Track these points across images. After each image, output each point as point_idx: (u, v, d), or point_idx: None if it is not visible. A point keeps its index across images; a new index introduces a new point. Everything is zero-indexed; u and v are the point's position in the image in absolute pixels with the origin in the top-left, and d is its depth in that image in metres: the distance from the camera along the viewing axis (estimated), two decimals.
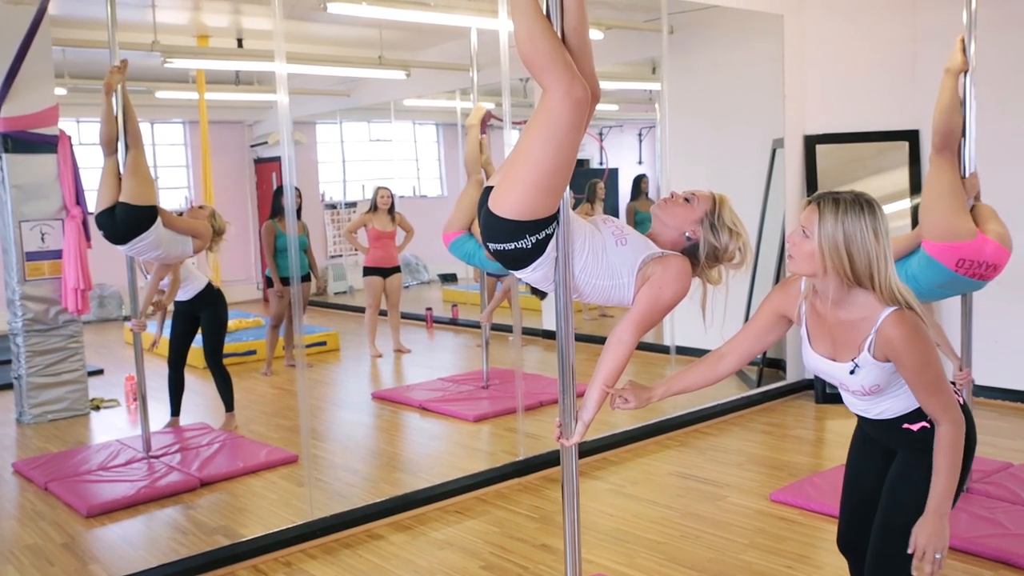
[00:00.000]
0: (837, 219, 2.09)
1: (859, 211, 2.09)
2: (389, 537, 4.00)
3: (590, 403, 2.32)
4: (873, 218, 2.10)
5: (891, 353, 2.10)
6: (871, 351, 2.13)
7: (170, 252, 5.07)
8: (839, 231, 2.08)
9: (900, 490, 2.28)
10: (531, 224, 2.14)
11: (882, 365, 2.14)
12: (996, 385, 5.72)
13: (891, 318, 2.08)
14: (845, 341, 2.18)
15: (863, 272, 2.09)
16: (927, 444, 2.19)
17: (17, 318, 6.11)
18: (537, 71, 2.06)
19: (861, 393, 2.22)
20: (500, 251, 2.22)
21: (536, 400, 5.90)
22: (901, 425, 2.25)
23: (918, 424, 2.23)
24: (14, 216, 6.03)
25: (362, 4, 5.71)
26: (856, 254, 2.08)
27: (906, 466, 2.29)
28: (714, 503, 4.25)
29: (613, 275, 2.30)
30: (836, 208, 2.10)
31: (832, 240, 2.08)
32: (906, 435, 2.26)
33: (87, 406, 6.37)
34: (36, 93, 6.01)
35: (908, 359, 2.08)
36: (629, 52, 7.92)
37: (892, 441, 2.33)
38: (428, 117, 12.73)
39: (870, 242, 2.08)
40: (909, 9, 6.01)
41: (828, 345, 2.23)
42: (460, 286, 11.42)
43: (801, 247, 2.15)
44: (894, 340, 2.08)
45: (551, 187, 2.10)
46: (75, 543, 4.05)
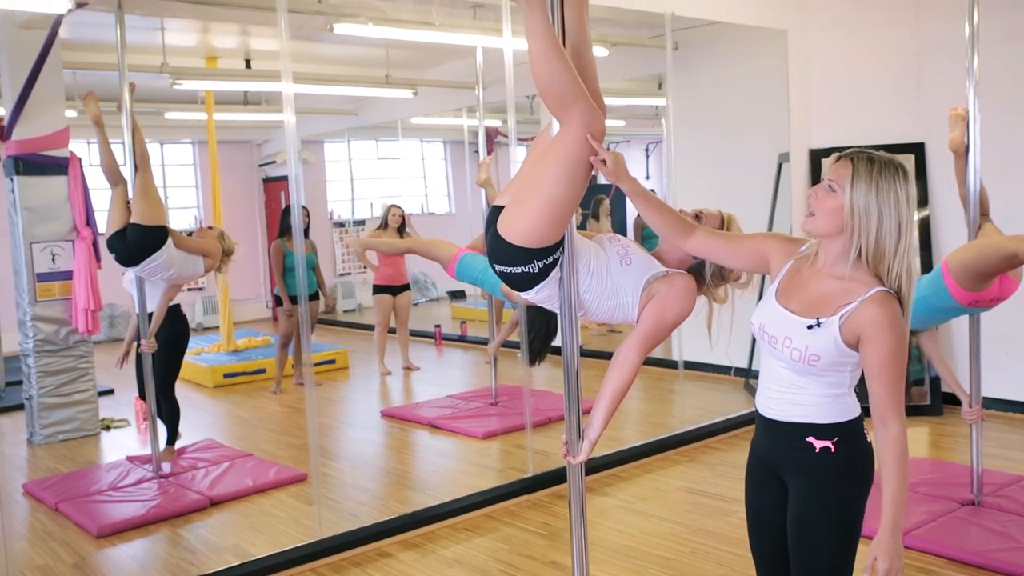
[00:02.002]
0: (872, 178, 1.96)
1: (894, 173, 1.97)
2: (398, 555, 4.00)
3: (596, 421, 2.32)
4: (907, 184, 1.98)
5: (867, 332, 1.96)
6: (842, 320, 1.98)
7: (182, 272, 5.10)
8: (872, 190, 1.96)
9: (809, 535, 2.12)
10: (538, 251, 2.16)
11: (840, 344, 1.99)
12: (1005, 397, 5.69)
13: (880, 295, 1.97)
14: (819, 302, 2.04)
15: (887, 240, 1.96)
16: (824, 469, 2.08)
17: (28, 339, 6.14)
18: (555, 104, 2.07)
19: (796, 360, 2.04)
20: (506, 274, 2.24)
21: (545, 417, 5.89)
22: (805, 437, 2.09)
23: (823, 442, 2.08)
24: (25, 237, 6.07)
25: (368, 24, 5.75)
26: (887, 218, 1.95)
27: (804, 503, 2.12)
28: (724, 519, 4.24)
29: (617, 295, 2.31)
30: (871, 166, 1.98)
31: (864, 199, 1.96)
32: (805, 453, 2.10)
33: (97, 426, 6.38)
34: (47, 115, 6.07)
35: (886, 341, 1.95)
36: (635, 68, 7.95)
37: (786, 461, 2.15)
38: (435, 135, 12.79)
39: (903, 207, 1.96)
40: (912, 22, 6.03)
41: (797, 302, 2.08)
42: (469, 303, 11.43)
43: (825, 202, 2.03)
44: (876, 317, 1.95)
45: (561, 218, 2.13)
46: (85, 563, 4.06)
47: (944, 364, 4.02)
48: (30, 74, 5.90)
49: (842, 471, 2.08)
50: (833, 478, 2.08)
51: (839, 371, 2.05)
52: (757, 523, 2.29)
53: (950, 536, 3.76)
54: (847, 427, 2.09)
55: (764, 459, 2.24)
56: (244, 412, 7.01)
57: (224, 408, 7.26)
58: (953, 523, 3.89)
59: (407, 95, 9.00)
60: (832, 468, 2.08)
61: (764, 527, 2.27)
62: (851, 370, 2.06)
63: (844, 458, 2.08)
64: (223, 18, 6.76)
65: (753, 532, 2.31)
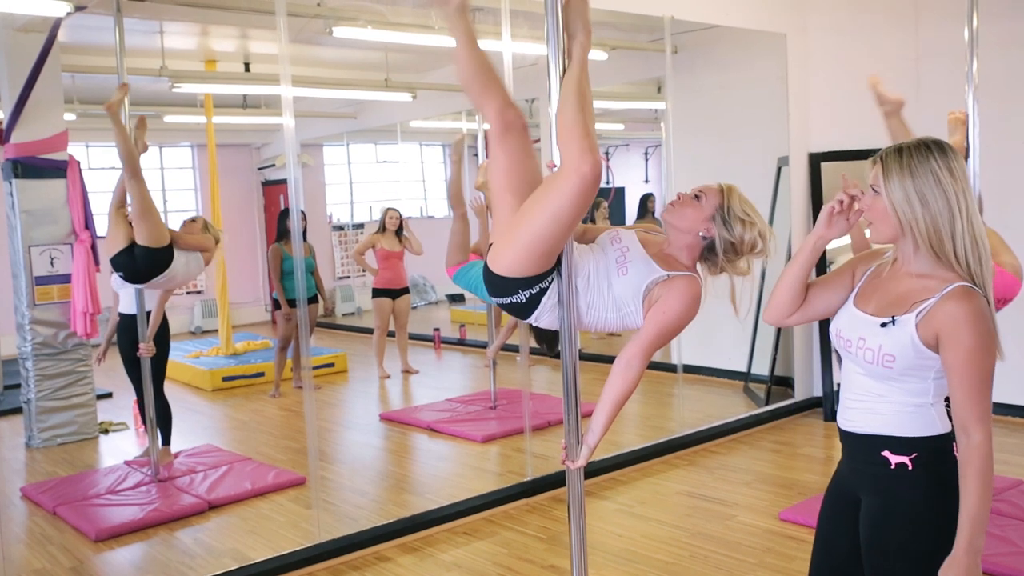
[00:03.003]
0: (903, 166, 1.87)
1: (926, 152, 1.87)
2: (397, 559, 3.99)
3: (596, 427, 2.29)
4: (945, 156, 1.86)
5: (946, 330, 1.82)
6: (919, 317, 1.85)
7: (186, 276, 5.10)
8: (907, 178, 1.86)
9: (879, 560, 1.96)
10: (523, 280, 2.17)
11: (917, 344, 1.86)
12: (1006, 402, 5.70)
13: (960, 290, 1.83)
14: (897, 301, 1.92)
15: (940, 222, 1.84)
16: (899, 488, 1.93)
17: (27, 342, 6.13)
18: (559, 142, 2.10)
19: (869, 361, 1.92)
20: (501, 304, 2.28)
21: (544, 420, 5.89)
22: (881, 451, 1.94)
23: (899, 458, 1.92)
24: (24, 241, 6.07)
25: (367, 28, 5.76)
26: (932, 199, 1.84)
27: (874, 525, 1.97)
28: (723, 522, 4.23)
29: (619, 307, 2.28)
30: (900, 156, 1.89)
31: (901, 188, 1.87)
32: (879, 469, 1.95)
33: (96, 430, 6.38)
34: (46, 119, 6.07)
35: (966, 339, 1.81)
36: (634, 72, 7.96)
37: (862, 478, 2.01)
38: (434, 138, 12.79)
39: (946, 180, 1.84)
40: (912, 27, 6.03)
41: (875, 304, 1.96)
42: (468, 306, 11.43)
43: (875, 207, 1.93)
44: (957, 314, 1.81)
45: (545, 253, 2.13)
46: (83, 567, 4.05)
47: None
48: (29, 77, 5.89)
49: (919, 492, 1.91)
50: (908, 499, 1.92)
51: (921, 377, 1.91)
52: (824, 546, 2.14)
53: None
54: (930, 443, 1.91)
55: (844, 479, 2.09)
56: (243, 415, 7.00)
57: (222, 411, 7.25)
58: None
59: (406, 99, 9.00)
60: (908, 488, 1.92)
61: (831, 552, 2.12)
62: (935, 377, 1.91)
63: (924, 478, 1.91)
64: (222, 21, 6.76)
65: (817, 554, 2.16)
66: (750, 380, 6.75)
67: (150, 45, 7.17)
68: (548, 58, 2.23)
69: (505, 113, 2.21)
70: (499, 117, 2.20)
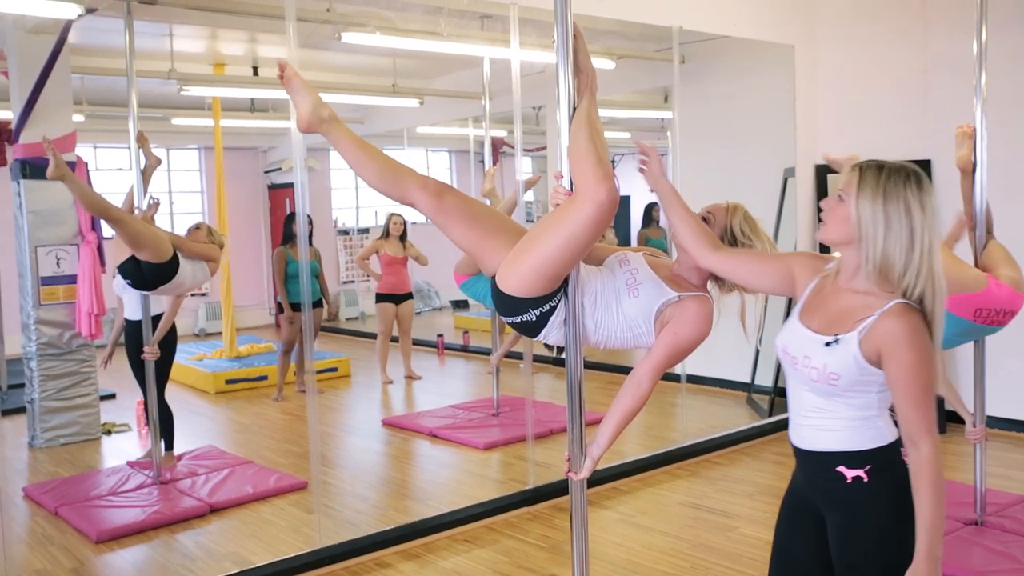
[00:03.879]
0: (879, 185, 1.89)
1: (904, 179, 1.89)
2: (398, 566, 3.99)
3: (602, 440, 2.31)
4: (920, 189, 1.89)
5: (886, 346, 1.86)
6: (861, 335, 1.89)
7: (193, 283, 5.12)
8: (879, 198, 1.88)
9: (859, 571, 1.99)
10: (532, 300, 2.20)
11: (860, 361, 1.90)
12: (1009, 416, 5.67)
13: (898, 307, 1.87)
14: (839, 318, 1.95)
15: (895, 248, 1.87)
16: (858, 501, 1.97)
17: (32, 342, 6.14)
18: (574, 169, 2.13)
19: (816, 379, 1.95)
20: (511, 323, 2.30)
21: (546, 428, 5.88)
22: (835, 467, 1.98)
23: (854, 472, 1.96)
24: (30, 241, 6.09)
25: (376, 34, 5.76)
26: (896, 226, 1.87)
27: (842, 540, 2.00)
28: (725, 534, 4.22)
29: (630, 327, 2.29)
30: (879, 174, 1.91)
31: (871, 206, 1.89)
32: (836, 484, 1.99)
33: (99, 430, 6.38)
34: (55, 120, 6.08)
35: (906, 355, 1.84)
36: (641, 81, 7.97)
37: (821, 494, 2.05)
38: (441, 144, 12.81)
39: (915, 212, 1.87)
40: (920, 39, 6.03)
41: (818, 320, 2.00)
42: (472, 313, 11.43)
43: (835, 211, 1.96)
44: (895, 331, 1.85)
45: (556, 275, 2.16)
46: (84, 568, 4.05)
47: (947, 382, 4.00)
48: (38, 78, 5.92)
49: (879, 503, 1.96)
50: (869, 511, 1.96)
51: (865, 392, 1.95)
52: (782, 556, 2.18)
53: (953, 556, 3.73)
54: (880, 454, 1.96)
55: (800, 491, 2.13)
56: (245, 419, 7.00)
57: (225, 414, 7.25)
58: (956, 543, 3.87)
59: (414, 104, 9.02)
60: (867, 500, 1.96)
61: (789, 562, 2.16)
62: (878, 391, 1.95)
63: (880, 488, 1.96)
64: (231, 25, 6.79)
65: (775, 565, 2.19)
66: (753, 391, 6.74)
67: (159, 48, 7.19)
68: (557, 66, 2.24)
69: (428, 185, 2.23)
70: (425, 191, 2.22)
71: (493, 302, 2.31)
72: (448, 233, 2.27)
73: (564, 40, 2.23)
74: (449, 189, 2.24)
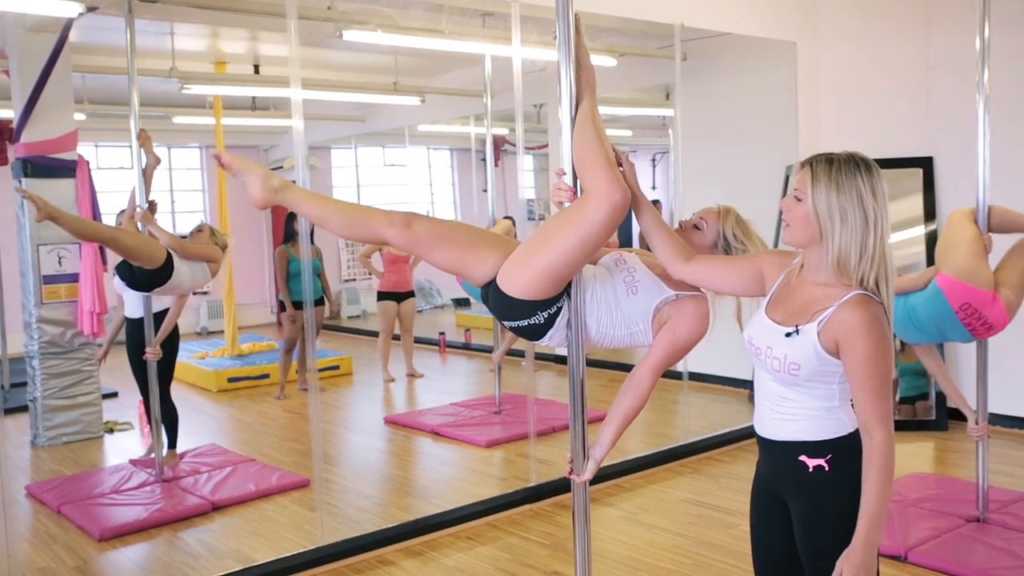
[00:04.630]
0: (831, 178, 1.93)
1: (854, 168, 1.93)
2: (400, 563, 3.99)
3: (604, 441, 2.30)
4: (870, 176, 1.93)
5: (844, 337, 1.90)
6: (820, 326, 1.93)
7: (192, 285, 5.13)
8: (832, 191, 1.92)
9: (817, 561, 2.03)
10: (541, 302, 2.19)
11: (820, 351, 1.94)
12: (1011, 414, 5.67)
13: (857, 298, 1.91)
14: (800, 309, 1.99)
15: (852, 238, 1.91)
16: (819, 489, 2.02)
17: (34, 341, 6.15)
18: (583, 170, 2.13)
19: (777, 369, 2.00)
20: (515, 327, 2.27)
21: (548, 426, 5.88)
22: (798, 456, 2.03)
23: (816, 461, 2.01)
24: (32, 240, 6.09)
25: (377, 32, 5.76)
26: (851, 216, 1.91)
27: (806, 527, 2.06)
28: (727, 531, 4.22)
29: (628, 324, 2.29)
30: (829, 167, 1.95)
31: (825, 200, 1.93)
32: (799, 473, 2.04)
33: (101, 429, 6.39)
34: (56, 119, 6.09)
35: (862, 345, 1.88)
36: (643, 78, 7.96)
37: (784, 482, 2.10)
38: (442, 142, 12.81)
39: (868, 200, 1.91)
40: (922, 37, 6.02)
41: (782, 312, 2.04)
42: (473, 311, 11.43)
43: (795, 211, 1.99)
44: (852, 322, 1.89)
45: (565, 276, 2.16)
46: (87, 566, 4.06)
47: (947, 379, 4.00)
48: (40, 77, 5.92)
49: (840, 491, 2.00)
50: (830, 499, 2.01)
51: (826, 383, 1.99)
52: (761, 550, 2.23)
53: (954, 553, 3.73)
54: (841, 443, 2.01)
55: (766, 482, 2.18)
56: (248, 417, 7.01)
57: (228, 412, 7.26)
58: (958, 540, 3.87)
59: (415, 102, 9.02)
60: (829, 488, 2.01)
61: (768, 554, 2.21)
62: (839, 381, 1.99)
63: (840, 477, 2.00)
64: (232, 23, 6.79)
65: (757, 560, 2.25)
66: None
67: (160, 46, 7.19)
68: (559, 63, 2.24)
69: (394, 219, 2.22)
70: (393, 226, 2.21)
71: (493, 307, 2.27)
72: (428, 258, 2.28)
73: (566, 37, 2.23)
74: (416, 216, 2.24)
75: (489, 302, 2.28)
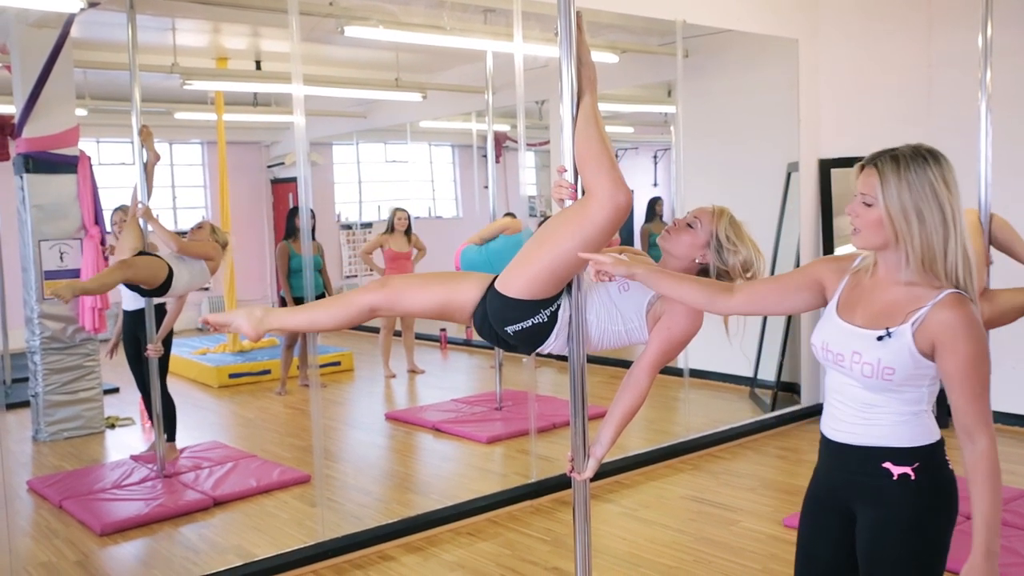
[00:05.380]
0: (901, 176, 1.83)
1: (923, 162, 1.84)
2: (400, 559, 4.00)
3: (604, 440, 2.31)
4: (940, 167, 1.85)
5: (941, 338, 1.80)
6: (914, 327, 1.83)
7: (191, 286, 5.14)
8: (904, 190, 1.83)
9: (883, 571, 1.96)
10: (542, 301, 2.19)
11: (915, 354, 1.84)
12: (1013, 411, 5.67)
13: (951, 298, 1.81)
14: (886, 312, 1.88)
15: (935, 237, 1.82)
16: (902, 498, 1.91)
17: (35, 336, 6.16)
18: (586, 170, 2.12)
19: (868, 376, 1.89)
20: (519, 331, 2.24)
21: (549, 422, 5.89)
22: (882, 463, 1.92)
23: (901, 469, 1.91)
24: (34, 235, 6.09)
25: (379, 28, 5.76)
26: (928, 213, 1.81)
27: (877, 537, 1.95)
28: (727, 528, 4.22)
29: (625, 320, 2.30)
30: (897, 165, 1.85)
31: (898, 200, 1.83)
32: (880, 480, 1.93)
33: (102, 424, 6.40)
34: (57, 114, 6.09)
35: (962, 347, 1.79)
36: (644, 75, 7.96)
37: (857, 489, 1.98)
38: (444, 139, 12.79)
39: (942, 193, 1.82)
40: (924, 34, 6.02)
41: (861, 315, 1.93)
42: None
43: (865, 216, 1.89)
44: (951, 322, 1.79)
45: (565, 276, 2.16)
46: (88, 561, 4.07)
47: None
48: (41, 73, 5.92)
49: (924, 501, 1.91)
50: (913, 509, 1.91)
51: (916, 386, 1.90)
52: (805, 558, 2.14)
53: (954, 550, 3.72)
54: (928, 451, 1.93)
55: (828, 488, 2.07)
56: (249, 413, 7.01)
57: (229, 408, 7.26)
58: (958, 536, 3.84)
59: (416, 98, 9.02)
60: (912, 497, 1.91)
61: (813, 563, 2.11)
62: (929, 384, 1.90)
63: (926, 487, 1.91)
64: (234, 19, 6.78)
65: (799, 567, 2.15)
66: (756, 385, 6.74)
67: (162, 42, 7.19)
68: (560, 60, 2.23)
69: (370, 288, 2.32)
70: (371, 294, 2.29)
71: (493, 316, 2.24)
72: (414, 307, 2.33)
73: (567, 33, 2.23)
74: (389, 276, 2.38)
75: (487, 319, 2.26)
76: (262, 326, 2.33)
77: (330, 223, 12.09)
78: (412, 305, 2.32)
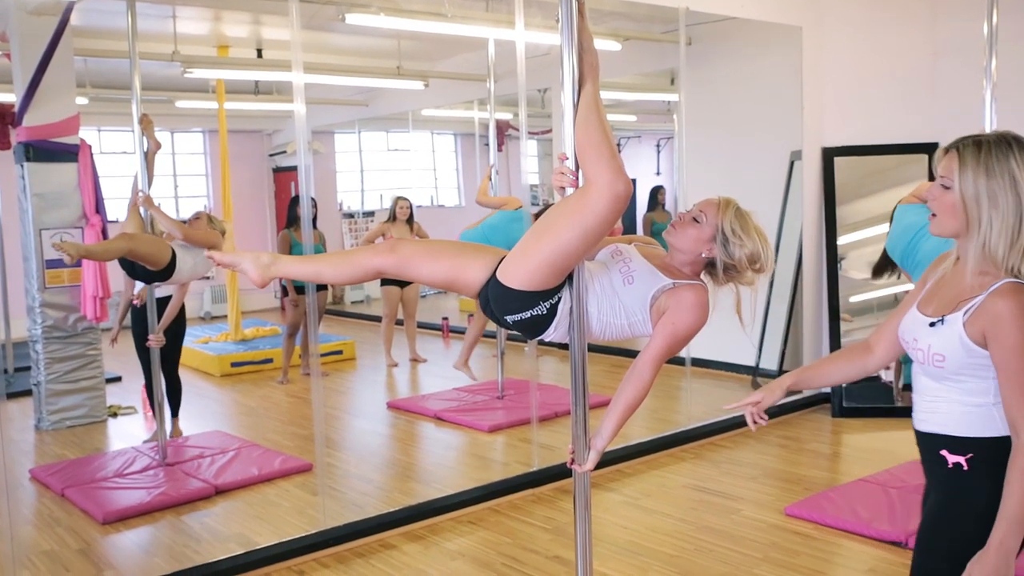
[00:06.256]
0: (980, 163, 1.80)
1: (1006, 149, 1.80)
2: (402, 547, 4.00)
3: (605, 432, 2.29)
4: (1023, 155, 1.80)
5: (991, 326, 1.79)
6: (966, 315, 1.83)
7: (195, 273, 5.16)
8: (982, 176, 1.80)
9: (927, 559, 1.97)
10: (542, 293, 2.17)
11: (966, 342, 1.83)
12: None
13: (1007, 287, 1.79)
14: (950, 300, 1.89)
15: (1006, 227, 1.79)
16: (953, 488, 1.90)
17: (37, 325, 6.16)
18: (586, 159, 2.10)
19: (922, 361, 1.92)
20: (518, 321, 2.23)
21: (551, 411, 5.89)
22: (940, 449, 1.92)
23: (955, 457, 1.89)
24: (35, 224, 6.09)
25: (380, 15, 5.74)
26: (1003, 202, 1.79)
27: (929, 522, 1.97)
28: (729, 516, 4.22)
29: (628, 314, 2.27)
30: (979, 150, 1.82)
31: (973, 185, 1.80)
32: (939, 467, 1.93)
33: (104, 413, 6.40)
34: (58, 102, 6.08)
35: (1011, 337, 1.77)
36: (647, 63, 7.92)
37: (929, 476, 2.00)
38: (446, 127, 12.77)
39: (1022, 183, 1.78)
40: (928, 22, 5.98)
41: (933, 305, 1.94)
42: None
43: (942, 200, 1.87)
44: (1002, 311, 1.78)
45: (566, 267, 2.14)
46: (91, 549, 4.08)
47: None
48: (41, 61, 5.90)
49: (977, 495, 1.86)
50: (966, 501, 1.87)
51: (978, 376, 1.86)
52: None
53: None
54: (987, 444, 1.86)
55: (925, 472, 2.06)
56: (251, 401, 7.02)
57: (231, 397, 7.27)
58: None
59: (418, 87, 8.99)
60: (965, 489, 1.88)
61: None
62: (995, 376, 1.85)
63: (980, 480, 1.86)
64: (235, 7, 6.77)
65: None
66: (758, 374, 6.73)
67: (162, 30, 7.16)
68: (562, 47, 2.22)
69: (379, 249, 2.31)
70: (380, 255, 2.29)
71: (495, 303, 2.24)
72: (421, 275, 2.30)
73: (569, 21, 2.21)
74: (400, 240, 2.32)
75: (489, 303, 2.25)
76: (268, 272, 2.33)
77: (332, 212, 12.09)
78: (419, 274, 2.31)
